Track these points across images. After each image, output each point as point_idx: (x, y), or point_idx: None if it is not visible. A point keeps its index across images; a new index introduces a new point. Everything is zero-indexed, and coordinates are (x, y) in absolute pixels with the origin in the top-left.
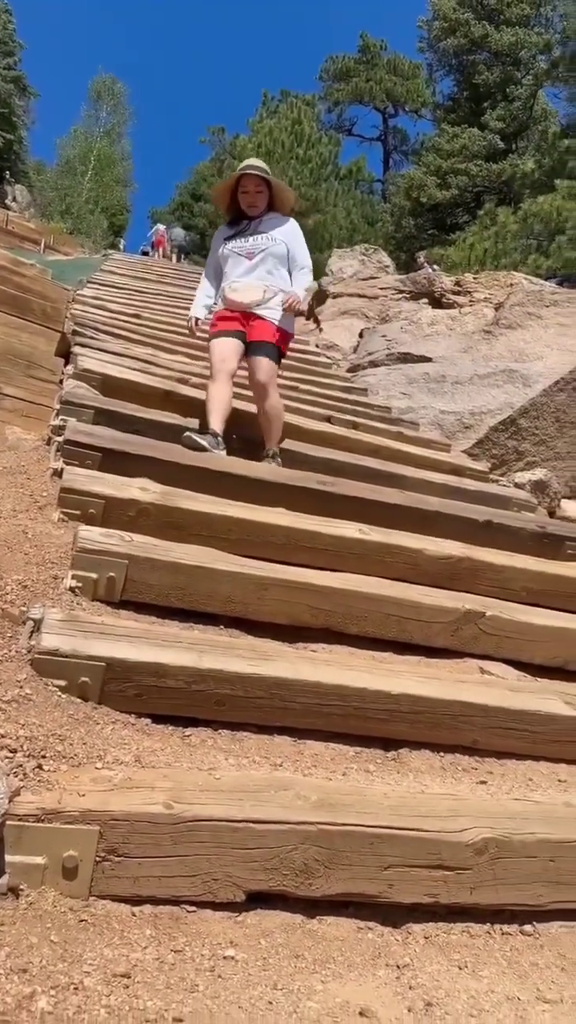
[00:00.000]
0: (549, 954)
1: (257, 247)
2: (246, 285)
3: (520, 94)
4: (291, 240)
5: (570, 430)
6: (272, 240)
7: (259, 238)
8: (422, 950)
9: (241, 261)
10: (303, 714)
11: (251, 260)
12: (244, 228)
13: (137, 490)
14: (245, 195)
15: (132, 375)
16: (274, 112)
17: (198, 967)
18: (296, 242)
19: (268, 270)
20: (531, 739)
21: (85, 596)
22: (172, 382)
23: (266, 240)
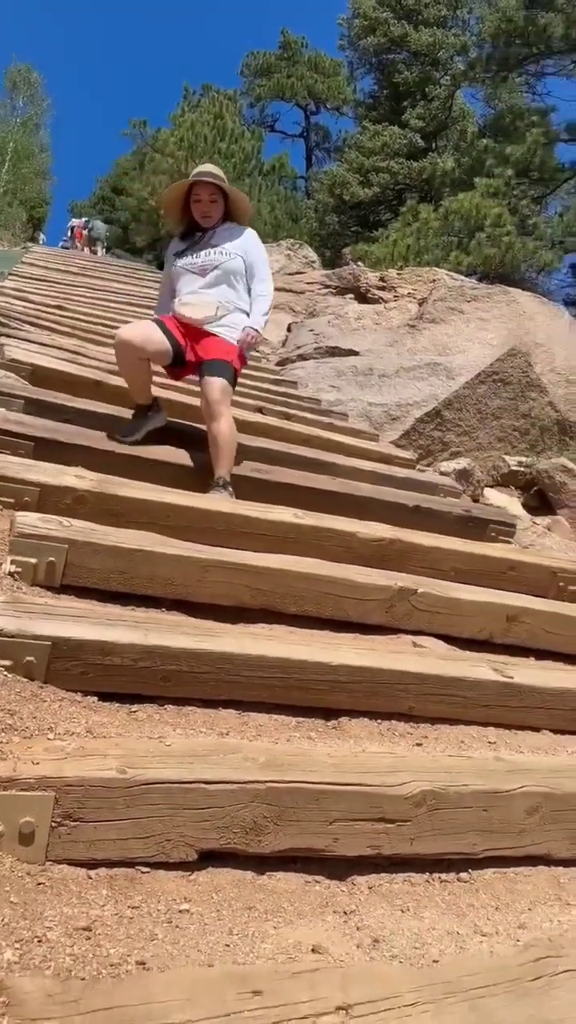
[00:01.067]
0: (484, 896)
1: (211, 262)
2: (198, 300)
3: (439, 94)
4: (249, 253)
5: (491, 421)
6: (227, 255)
7: (212, 252)
8: (367, 898)
9: (194, 279)
10: (247, 687)
11: (204, 277)
12: (196, 241)
13: (73, 478)
14: (198, 204)
15: (62, 365)
16: (196, 106)
17: (155, 920)
18: (255, 255)
19: (222, 287)
20: (463, 704)
21: (24, 581)
22: (102, 372)
23: (220, 255)
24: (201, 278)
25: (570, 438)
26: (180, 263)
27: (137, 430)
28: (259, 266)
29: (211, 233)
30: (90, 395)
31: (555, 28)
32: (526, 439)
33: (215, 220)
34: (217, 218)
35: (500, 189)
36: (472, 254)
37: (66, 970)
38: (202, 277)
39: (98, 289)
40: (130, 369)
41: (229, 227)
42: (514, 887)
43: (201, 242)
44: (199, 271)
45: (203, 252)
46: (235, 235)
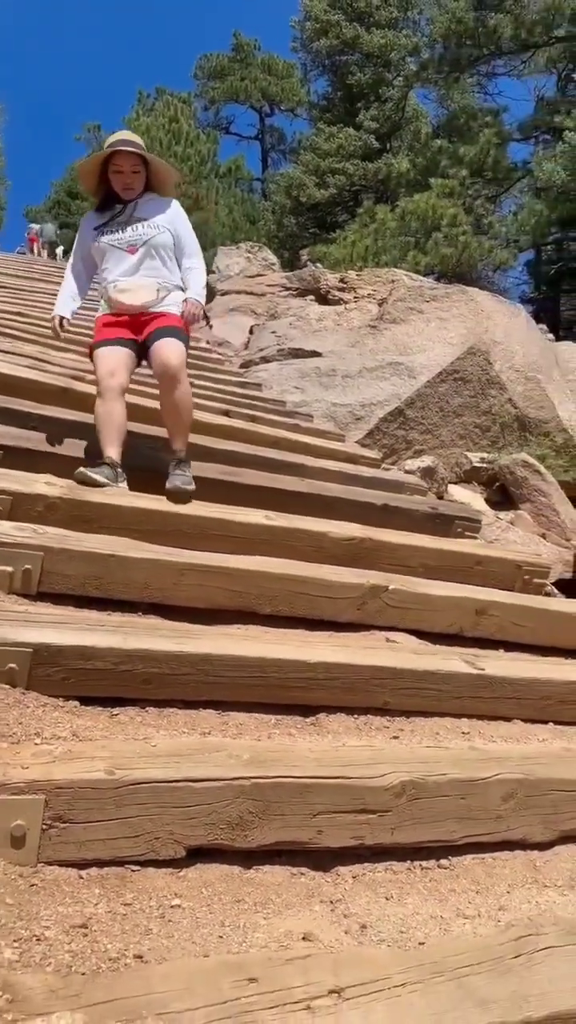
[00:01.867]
0: (464, 881)
1: (139, 238)
2: (135, 284)
3: (392, 95)
4: (177, 226)
5: (453, 419)
6: (156, 228)
7: (139, 227)
8: (351, 887)
9: (122, 256)
10: (227, 687)
11: (134, 254)
12: (118, 214)
13: (43, 485)
14: (119, 176)
15: (26, 372)
16: (150, 110)
17: (149, 915)
18: (183, 227)
19: (156, 264)
20: (436, 697)
21: (1, 590)
22: (67, 379)
23: (148, 228)
24: (130, 255)
25: (530, 434)
26: (104, 239)
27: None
28: (188, 239)
29: (133, 205)
30: (56, 402)
31: (504, 29)
32: (487, 436)
33: (137, 192)
34: (139, 189)
35: (455, 189)
36: (429, 254)
37: (66, 966)
38: (131, 254)
39: (56, 294)
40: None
41: (152, 199)
42: (493, 871)
43: (124, 215)
44: (127, 247)
45: (129, 227)
46: (161, 207)
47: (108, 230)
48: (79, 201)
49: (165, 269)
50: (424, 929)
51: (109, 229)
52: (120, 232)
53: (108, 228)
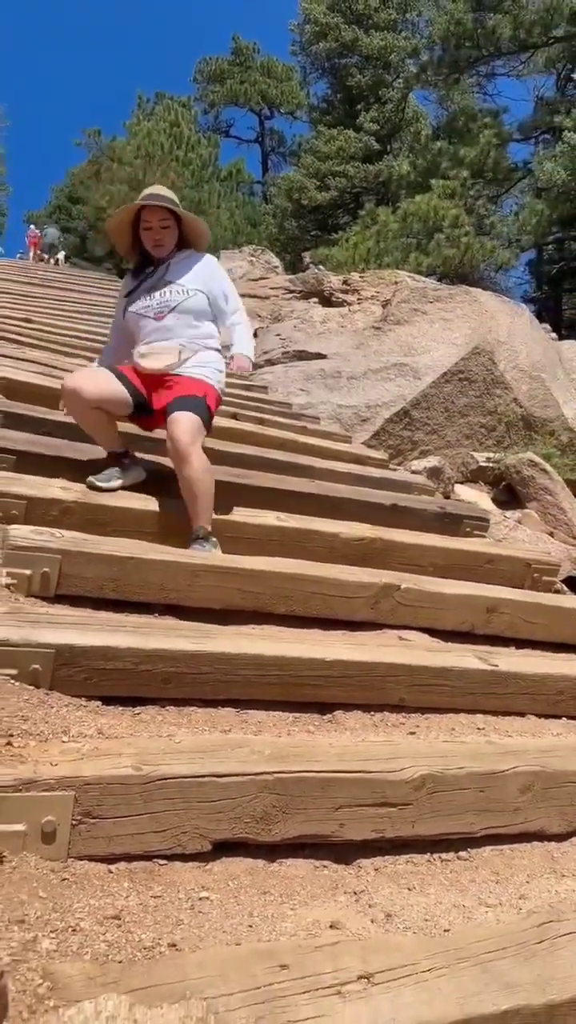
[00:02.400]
0: (484, 872)
1: (166, 304)
2: (157, 347)
3: (392, 97)
4: (210, 285)
5: (458, 419)
6: (185, 293)
7: (168, 291)
8: (374, 879)
9: (149, 324)
10: (245, 686)
11: (161, 320)
12: (148, 277)
13: (58, 489)
14: (148, 232)
15: (35, 378)
16: (150, 114)
17: (179, 907)
18: (217, 285)
19: (185, 329)
20: (450, 693)
21: (20, 592)
22: None
23: (176, 292)
24: (157, 322)
25: (535, 433)
26: (132, 308)
27: (113, 478)
28: (227, 297)
29: (165, 267)
30: None
31: (503, 30)
32: (493, 435)
33: (168, 249)
34: (171, 246)
35: (456, 190)
36: (432, 255)
37: (103, 955)
38: (158, 321)
39: (62, 300)
40: (85, 420)
41: (186, 256)
42: (512, 862)
43: (154, 279)
44: (154, 315)
45: (157, 293)
46: (192, 265)
47: (137, 297)
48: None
49: (194, 331)
50: (448, 917)
51: (138, 296)
52: (148, 299)
53: (137, 295)
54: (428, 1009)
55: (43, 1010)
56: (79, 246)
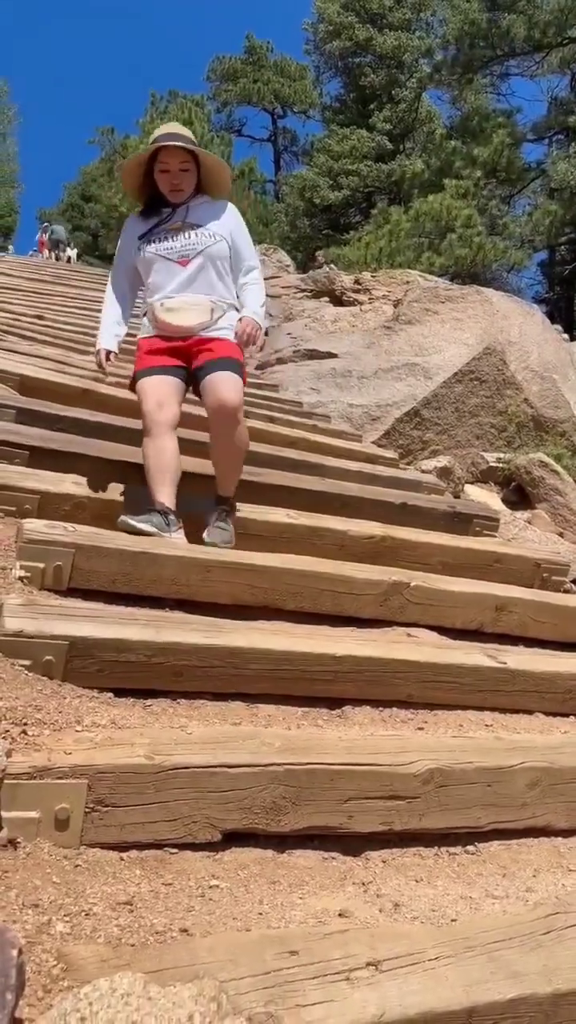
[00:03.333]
0: (491, 866)
1: (191, 247)
2: (187, 302)
3: (405, 96)
4: (235, 234)
5: (468, 419)
6: (211, 236)
7: (192, 234)
8: (382, 871)
9: (172, 269)
10: (255, 680)
11: (186, 266)
12: (165, 219)
13: (72, 484)
14: (165, 175)
15: (48, 375)
16: (163, 112)
17: (190, 895)
18: (240, 236)
19: (211, 279)
20: (459, 690)
21: (33, 585)
22: (89, 380)
23: (202, 236)
24: (182, 268)
25: (546, 433)
26: (151, 249)
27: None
28: (246, 250)
29: (184, 210)
30: (78, 403)
31: (517, 30)
32: (503, 436)
33: (187, 194)
34: (189, 191)
35: (469, 190)
36: (444, 255)
37: (115, 938)
38: (182, 267)
39: (73, 297)
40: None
41: (204, 202)
42: (518, 857)
43: (172, 221)
44: (178, 259)
45: (181, 235)
46: (216, 212)
47: (155, 238)
48: (92, 204)
49: (221, 284)
50: (455, 908)
51: (156, 237)
52: (169, 240)
53: (155, 236)
54: (434, 996)
55: (58, 989)
56: (91, 244)
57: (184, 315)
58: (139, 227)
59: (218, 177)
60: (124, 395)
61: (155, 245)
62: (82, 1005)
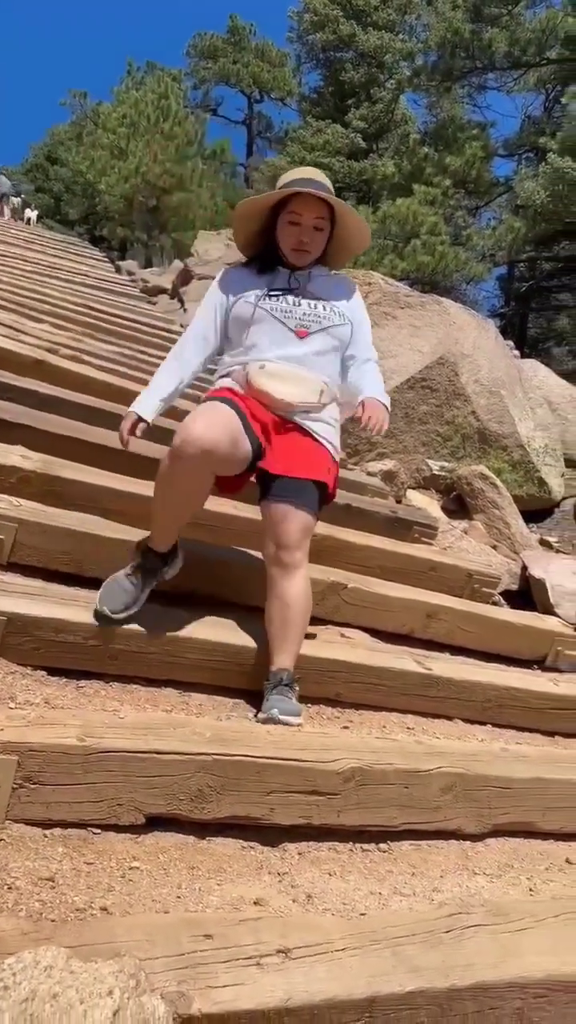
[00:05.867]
0: (402, 865)
1: (315, 320)
2: (292, 373)
3: (383, 97)
4: (359, 322)
5: (418, 426)
6: (339, 316)
7: (318, 306)
8: (297, 863)
9: (286, 336)
10: (190, 669)
11: (303, 339)
12: (283, 281)
13: (18, 457)
14: (293, 229)
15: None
16: (140, 83)
17: (111, 875)
18: (363, 325)
19: (326, 362)
20: (385, 692)
21: None
22: (42, 351)
23: (328, 312)
24: (297, 340)
25: (489, 447)
26: (265, 306)
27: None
28: (365, 340)
29: (306, 277)
30: (30, 374)
31: (499, 44)
32: (448, 445)
33: (312, 257)
34: (316, 255)
35: (437, 198)
36: (407, 260)
37: (37, 913)
38: (299, 338)
39: (33, 263)
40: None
41: (326, 275)
42: (428, 857)
43: (291, 284)
44: (295, 327)
45: (305, 303)
46: (343, 290)
47: (271, 297)
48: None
49: (333, 372)
50: (364, 903)
51: (273, 296)
52: (289, 303)
53: (272, 295)
54: (338, 984)
55: None
56: (53, 207)
57: (287, 385)
58: (245, 281)
59: (356, 242)
60: (80, 369)
61: (270, 303)
62: (5, 975)
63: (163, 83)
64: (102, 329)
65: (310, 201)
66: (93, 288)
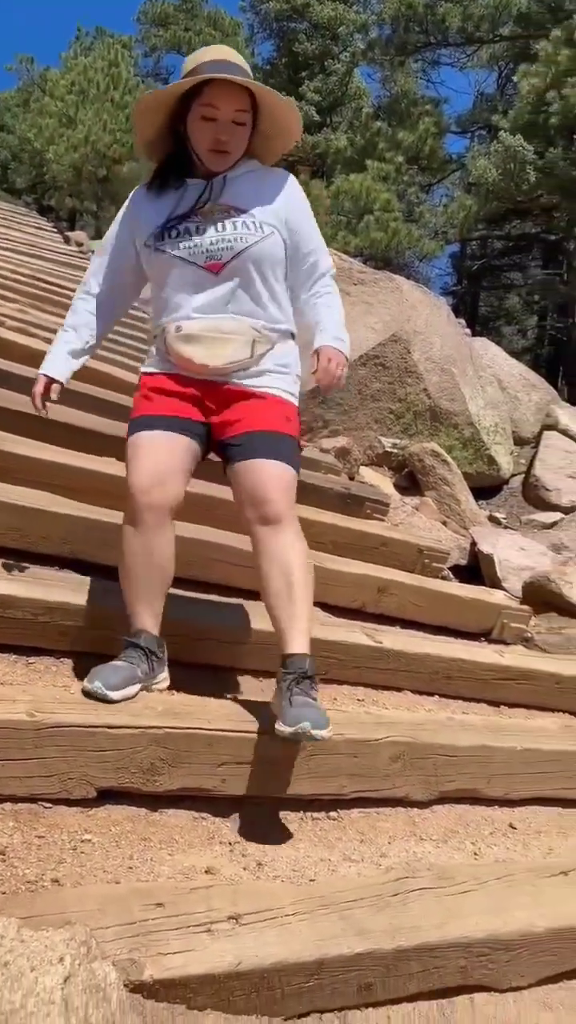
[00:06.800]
0: (350, 832)
1: (227, 244)
2: (215, 328)
3: (337, 69)
4: (294, 221)
5: (370, 403)
6: (257, 227)
7: (229, 224)
8: (248, 832)
9: (197, 277)
10: None
11: (218, 273)
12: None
13: None
14: (208, 125)
15: None
16: (88, 49)
17: (62, 847)
18: (303, 224)
19: (256, 293)
20: (338, 665)
21: None
22: None
23: (245, 228)
24: (211, 276)
25: (440, 424)
26: (166, 247)
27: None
28: (310, 242)
29: (219, 183)
30: None
31: (452, 20)
32: (400, 422)
33: (234, 158)
34: (238, 155)
35: (390, 174)
36: (360, 236)
37: None
38: (212, 274)
39: None
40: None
41: (250, 170)
42: (376, 825)
43: (202, 201)
44: (205, 262)
45: (212, 226)
46: (268, 186)
47: (173, 230)
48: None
49: (270, 303)
50: (314, 869)
51: (175, 228)
52: (195, 234)
53: (173, 226)
54: (287, 948)
55: None
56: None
57: (211, 348)
58: (148, 209)
59: (285, 130)
60: (27, 342)
61: (173, 241)
62: None
63: (113, 50)
64: (49, 301)
65: (227, 89)
66: (41, 259)
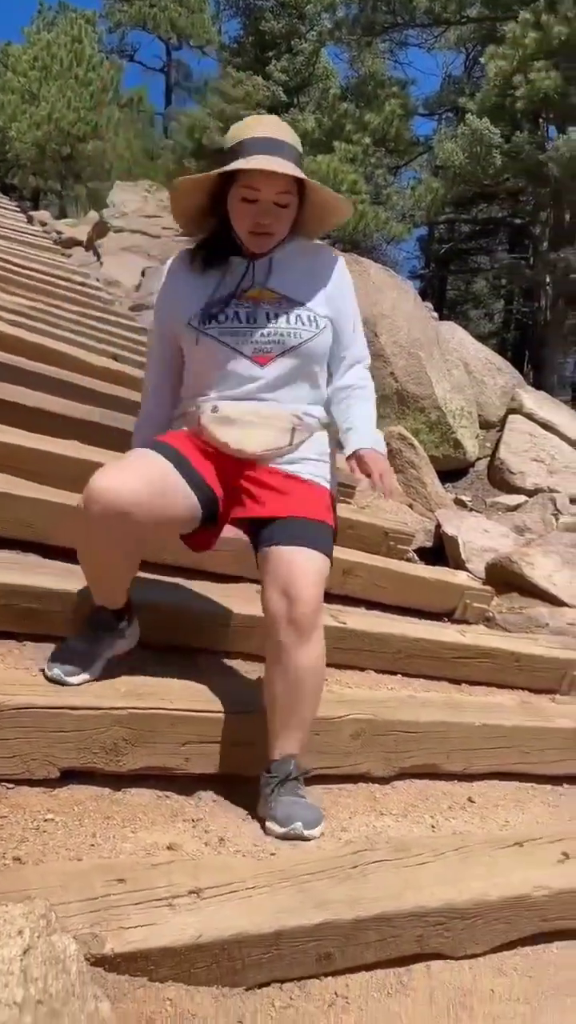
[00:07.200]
0: None
1: (278, 339)
2: (251, 413)
3: (304, 48)
4: (342, 310)
5: None
6: (311, 322)
7: (281, 317)
8: (211, 809)
9: (242, 368)
10: None
11: (264, 366)
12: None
13: None
14: (249, 207)
15: None
16: (51, 24)
17: (24, 827)
18: (347, 311)
19: (299, 383)
20: None
21: None
22: None
23: (296, 323)
24: (257, 368)
25: (407, 407)
26: (212, 332)
27: (89, 661)
28: (351, 331)
29: (264, 265)
30: None
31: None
32: None
33: (276, 240)
34: (281, 236)
35: (358, 156)
36: None
37: None
38: (258, 366)
39: None
40: (109, 551)
41: (296, 251)
42: (338, 800)
43: (247, 284)
44: (253, 355)
45: (260, 312)
46: (317, 273)
47: (221, 313)
48: None
49: (312, 390)
50: (275, 844)
51: (221, 311)
52: (244, 323)
53: (221, 310)
54: (247, 920)
55: None
56: None
57: (248, 431)
58: (189, 287)
59: (333, 210)
60: (14, 332)
61: (218, 327)
62: None
63: (76, 25)
64: (13, 282)
65: (271, 179)
66: (3, 239)
